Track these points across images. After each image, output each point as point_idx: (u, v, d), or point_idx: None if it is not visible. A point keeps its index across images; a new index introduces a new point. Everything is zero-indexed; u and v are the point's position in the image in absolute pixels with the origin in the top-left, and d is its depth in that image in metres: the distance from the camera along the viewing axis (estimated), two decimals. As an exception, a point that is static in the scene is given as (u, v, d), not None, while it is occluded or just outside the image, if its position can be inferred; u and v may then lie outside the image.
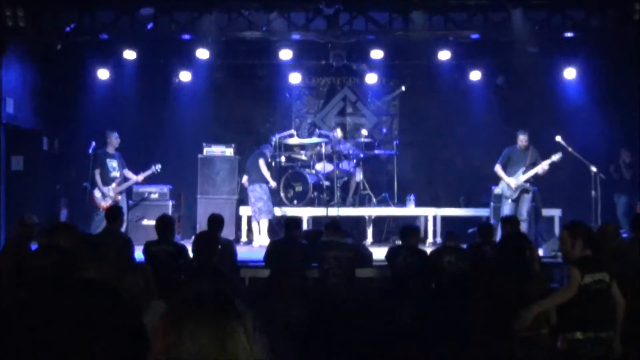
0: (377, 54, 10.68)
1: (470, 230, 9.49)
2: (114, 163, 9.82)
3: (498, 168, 9.62)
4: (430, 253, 7.13)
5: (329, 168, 10.86)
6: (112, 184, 9.71)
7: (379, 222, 11.06)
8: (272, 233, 10.60)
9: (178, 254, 6.51)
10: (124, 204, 9.52)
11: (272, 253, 7.04)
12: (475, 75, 11.68)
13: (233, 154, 11.14)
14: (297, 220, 7.30)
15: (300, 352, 6.29)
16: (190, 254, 6.68)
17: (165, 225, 6.60)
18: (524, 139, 9.50)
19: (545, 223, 10.31)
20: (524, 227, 9.01)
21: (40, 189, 10.74)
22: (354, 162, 11.21)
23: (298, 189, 10.88)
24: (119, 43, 10.45)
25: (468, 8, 9.74)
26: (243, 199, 10.86)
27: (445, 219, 10.65)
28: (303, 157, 11.34)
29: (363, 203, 11.13)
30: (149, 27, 9.78)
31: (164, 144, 11.53)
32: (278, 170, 11.10)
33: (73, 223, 6.85)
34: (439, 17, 9.84)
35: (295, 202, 10.79)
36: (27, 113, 10.43)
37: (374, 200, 11.09)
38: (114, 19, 9.82)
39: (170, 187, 10.83)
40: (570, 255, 4.53)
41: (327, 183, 10.81)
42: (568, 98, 11.45)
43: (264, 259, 7.11)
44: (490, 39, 10.45)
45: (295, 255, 6.86)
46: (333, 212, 10.11)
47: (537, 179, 9.73)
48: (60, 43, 10.11)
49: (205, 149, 11.13)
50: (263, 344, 1.59)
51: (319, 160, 10.94)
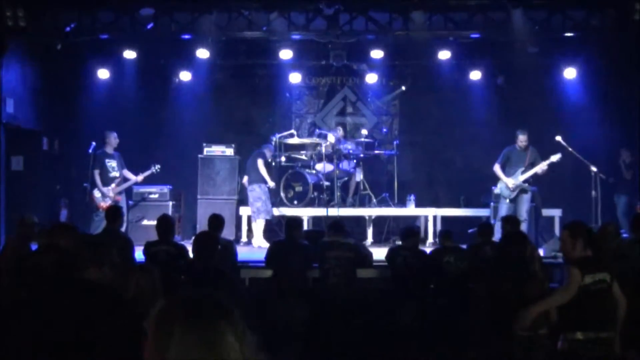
0: (377, 54, 10.68)
1: (470, 230, 9.50)
2: (113, 163, 9.82)
3: (497, 168, 9.62)
4: (430, 253, 7.12)
5: (329, 168, 10.85)
6: (111, 184, 9.70)
7: (379, 222, 11.06)
8: (271, 233, 10.61)
9: (178, 254, 6.51)
10: (124, 204, 9.52)
11: (273, 253, 7.03)
12: (475, 75, 11.68)
13: (233, 154, 11.13)
14: (297, 221, 7.29)
15: (301, 351, 6.30)
16: (191, 254, 6.69)
17: (166, 226, 6.60)
18: (524, 139, 9.48)
19: (545, 223, 10.31)
20: (524, 227, 8.98)
21: (40, 189, 10.74)
22: (354, 162, 11.21)
23: (298, 189, 10.87)
24: (119, 43, 10.46)
25: (468, 8, 9.75)
26: (243, 199, 10.85)
27: (445, 219, 10.64)
28: (303, 157, 11.34)
29: (363, 203, 11.12)
30: (149, 27, 9.78)
31: (164, 144, 11.52)
32: (278, 170, 11.09)
33: (73, 223, 6.88)
34: (439, 17, 9.84)
35: (296, 202, 10.78)
36: (27, 113, 10.43)
37: (374, 201, 11.08)
38: (114, 19, 9.83)
39: (171, 187, 10.83)
40: (571, 256, 4.53)
41: (327, 183, 10.80)
42: (568, 98, 11.45)
43: (265, 260, 7.11)
44: (490, 39, 10.47)
45: (297, 256, 6.86)
46: (333, 212, 10.10)
47: (537, 179, 9.72)
48: (60, 43, 10.10)
49: (205, 149, 11.12)
50: (253, 344, 1.59)
51: (319, 160, 10.93)
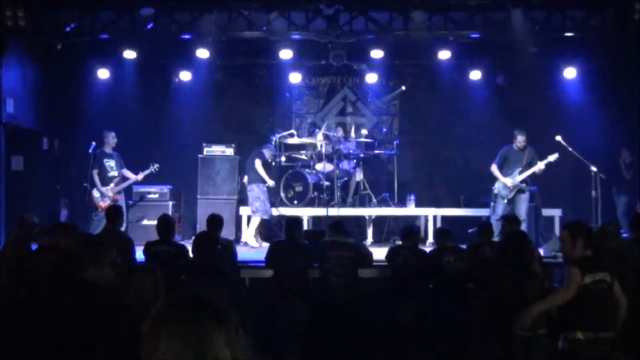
0: (377, 54, 10.68)
1: (471, 230, 9.49)
2: (112, 163, 9.82)
3: (494, 168, 9.60)
4: (430, 253, 7.11)
5: (329, 168, 10.85)
6: (110, 184, 9.70)
7: (379, 222, 11.05)
8: (271, 233, 10.61)
9: (178, 254, 6.51)
10: (123, 204, 9.52)
11: (273, 253, 7.02)
12: (476, 75, 11.68)
13: (233, 154, 11.12)
14: (297, 220, 7.27)
15: (301, 351, 6.30)
16: (191, 254, 6.68)
17: (166, 226, 6.60)
18: (522, 140, 9.46)
19: (545, 223, 10.31)
20: (524, 227, 8.98)
21: (40, 189, 10.74)
22: (354, 162, 11.21)
23: (298, 189, 10.87)
24: (119, 43, 10.46)
25: (468, 8, 9.75)
26: (243, 199, 10.84)
27: (445, 219, 10.64)
28: (303, 157, 11.34)
29: (363, 203, 11.12)
30: (149, 27, 9.79)
31: (164, 144, 11.52)
32: (278, 170, 11.09)
33: (73, 223, 6.86)
34: (439, 16, 9.84)
35: (296, 202, 10.78)
36: (27, 113, 10.42)
37: (374, 200, 11.08)
38: (114, 19, 9.83)
39: (171, 187, 10.82)
40: (571, 256, 4.53)
41: (327, 183, 10.80)
42: (568, 98, 11.44)
43: (265, 260, 7.09)
44: (491, 39, 10.46)
45: (297, 256, 6.84)
46: (333, 212, 10.10)
47: (537, 179, 9.72)
48: (60, 43, 10.10)
49: (205, 149, 11.12)
50: (248, 345, 1.59)
51: (319, 160, 10.93)
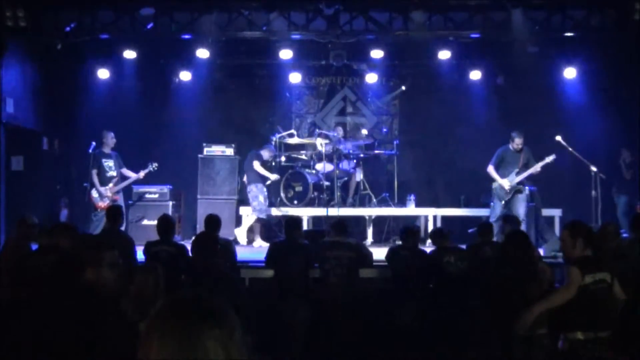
0: (377, 54, 10.68)
1: (471, 230, 9.49)
2: (110, 163, 9.81)
3: (491, 169, 9.59)
4: (430, 253, 7.11)
5: (329, 168, 10.85)
6: (109, 184, 9.70)
7: (379, 222, 11.05)
8: (271, 233, 10.61)
9: (179, 254, 6.51)
10: (122, 204, 9.51)
11: (273, 254, 7.01)
12: (475, 75, 11.68)
13: (233, 154, 11.12)
14: (297, 220, 7.27)
15: (302, 351, 6.30)
16: (191, 255, 6.68)
17: (167, 226, 6.61)
18: (520, 142, 9.45)
19: (545, 223, 10.31)
20: (523, 227, 8.98)
21: (40, 189, 10.73)
22: (354, 162, 11.20)
23: (298, 189, 10.87)
24: (119, 43, 10.46)
25: (468, 8, 9.75)
26: (243, 199, 10.85)
27: (445, 219, 10.64)
28: (303, 157, 11.34)
29: (363, 203, 11.12)
30: (149, 27, 9.79)
31: (164, 144, 11.51)
32: (278, 170, 11.09)
33: (73, 223, 6.87)
34: (439, 17, 9.85)
35: (296, 202, 10.78)
36: (27, 113, 10.43)
37: (374, 200, 11.08)
38: (114, 19, 9.83)
39: (171, 187, 10.82)
40: (571, 255, 4.53)
41: (327, 183, 10.80)
42: (568, 98, 11.44)
43: (265, 260, 7.08)
44: (490, 39, 10.46)
45: (297, 256, 6.83)
46: (333, 212, 10.10)
47: (537, 179, 9.72)
48: (60, 43, 10.10)
49: (205, 149, 11.12)
50: (246, 345, 1.58)
51: (319, 160, 10.93)
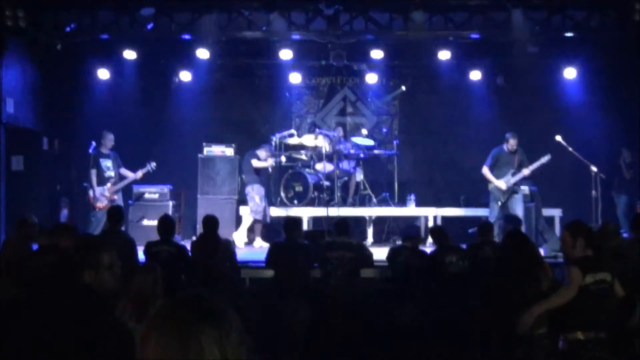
0: (377, 54, 10.68)
1: (471, 230, 9.48)
2: (109, 163, 9.80)
3: (486, 170, 9.58)
4: (431, 253, 7.11)
5: (329, 168, 10.84)
6: (107, 184, 9.69)
7: (380, 222, 11.04)
8: (272, 233, 10.60)
9: (179, 255, 6.51)
10: (121, 204, 9.50)
11: (273, 254, 7.01)
12: (475, 75, 11.68)
13: (233, 154, 11.10)
14: (296, 221, 7.27)
15: (302, 351, 6.30)
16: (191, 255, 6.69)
17: (167, 226, 6.61)
18: (514, 144, 9.45)
19: (545, 223, 10.30)
20: (523, 227, 8.98)
21: (40, 189, 10.74)
22: (354, 162, 11.20)
23: (298, 189, 10.86)
24: (119, 43, 10.47)
25: (468, 8, 9.76)
26: (243, 199, 10.85)
27: (445, 219, 10.63)
28: (303, 157, 11.33)
29: (363, 203, 11.12)
30: (149, 27, 9.79)
31: (164, 144, 11.51)
32: (278, 170, 11.09)
33: (73, 223, 6.87)
34: (439, 17, 9.85)
35: (296, 202, 10.78)
36: (27, 113, 10.43)
37: (374, 200, 11.08)
38: (114, 19, 9.84)
39: (171, 187, 10.82)
40: (571, 256, 4.53)
41: (327, 183, 10.79)
42: (568, 98, 11.45)
43: (266, 261, 7.08)
44: (490, 39, 10.46)
45: (297, 256, 6.83)
46: (333, 212, 10.09)
47: (537, 179, 9.72)
48: (60, 43, 10.11)
49: (206, 149, 11.10)
50: (244, 346, 1.58)
51: (319, 160, 10.92)
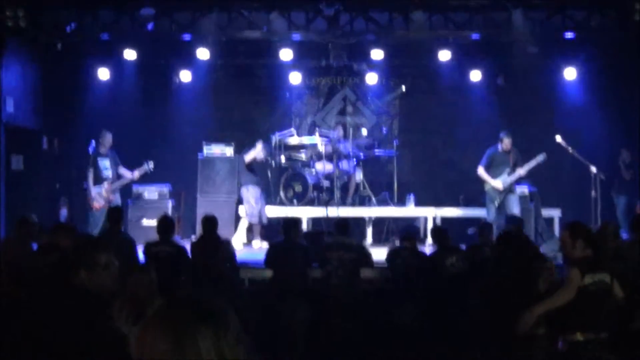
0: (377, 54, 10.67)
1: (470, 231, 9.48)
2: (106, 163, 9.78)
3: (482, 171, 9.56)
4: (431, 254, 7.12)
5: (329, 168, 10.84)
6: (104, 184, 9.68)
7: (379, 222, 11.04)
8: (272, 233, 10.60)
9: (178, 255, 6.52)
10: (119, 203, 9.49)
11: (272, 254, 7.01)
12: (476, 75, 11.67)
13: (233, 154, 11.10)
14: (295, 221, 7.26)
15: (302, 352, 6.29)
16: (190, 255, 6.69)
17: (166, 226, 6.62)
18: (509, 143, 9.46)
19: (545, 223, 10.31)
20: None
21: (40, 189, 10.74)
22: (354, 162, 11.20)
23: (298, 189, 10.85)
24: (119, 43, 10.45)
25: (468, 8, 9.75)
26: (242, 199, 10.84)
27: (445, 219, 10.62)
28: (303, 157, 11.33)
29: (363, 203, 11.11)
30: (149, 27, 9.79)
31: (164, 144, 11.52)
32: (278, 170, 11.08)
33: (73, 223, 6.88)
34: (439, 17, 9.85)
35: (295, 202, 10.78)
36: (27, 113, 10.43)
37: (374, 200, 11.07)
38: (114, 19, 9.84)
39: (170, 187, 10.82)
40: (571, 256, 4.53)
41: (326, 183, 10.79)
42: (568, 98, 11.44)
43: (265, 262, 7.07)
44: (490, 39, 10.45)
45: (296, 256, 6.83)
46: (333, 212, 10.09)
47: (537, 179, 9.72)
48: (60, 43, 10.11)
49: (205, 149, 11.10)
50: (243, 346, 1.57)
51: (319, 160, 10.92)
